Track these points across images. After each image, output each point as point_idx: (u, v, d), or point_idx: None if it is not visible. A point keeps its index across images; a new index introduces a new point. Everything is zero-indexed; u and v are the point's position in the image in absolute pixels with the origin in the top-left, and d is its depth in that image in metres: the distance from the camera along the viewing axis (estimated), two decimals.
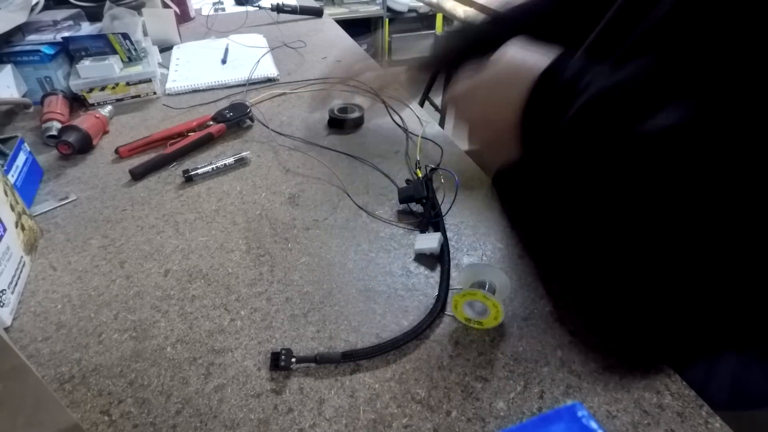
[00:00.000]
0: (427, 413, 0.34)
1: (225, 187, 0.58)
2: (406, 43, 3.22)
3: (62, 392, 0.36)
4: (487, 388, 0.35)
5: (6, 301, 0.41)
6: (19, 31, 0.79)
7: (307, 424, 0.33)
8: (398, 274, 0.45)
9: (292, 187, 0.58)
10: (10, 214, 0.45)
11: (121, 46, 0.79)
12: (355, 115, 0.71)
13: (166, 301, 0.43)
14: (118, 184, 0.59)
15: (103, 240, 0.50)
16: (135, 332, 0.40)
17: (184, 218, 0.53)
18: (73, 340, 0.40)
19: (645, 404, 0.34)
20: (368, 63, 0.51)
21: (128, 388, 0.36)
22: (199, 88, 0.84)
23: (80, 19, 0.89)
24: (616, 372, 0.36)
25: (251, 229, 0.51)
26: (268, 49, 1.00)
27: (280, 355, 0.37)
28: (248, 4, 1.29)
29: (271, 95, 0.80)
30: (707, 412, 0.33)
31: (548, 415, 0.30)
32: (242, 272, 0.46)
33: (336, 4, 3.01)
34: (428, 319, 0.39)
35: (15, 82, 0.75)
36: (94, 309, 0.42)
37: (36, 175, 0.60)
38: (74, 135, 0.63)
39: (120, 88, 0.79)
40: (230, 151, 0.65)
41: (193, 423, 0.33)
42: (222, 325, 0.40)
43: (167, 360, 0.38)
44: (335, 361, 0.37)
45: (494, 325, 0.39)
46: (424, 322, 0.39)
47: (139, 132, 0.71)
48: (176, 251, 0.49)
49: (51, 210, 0.55)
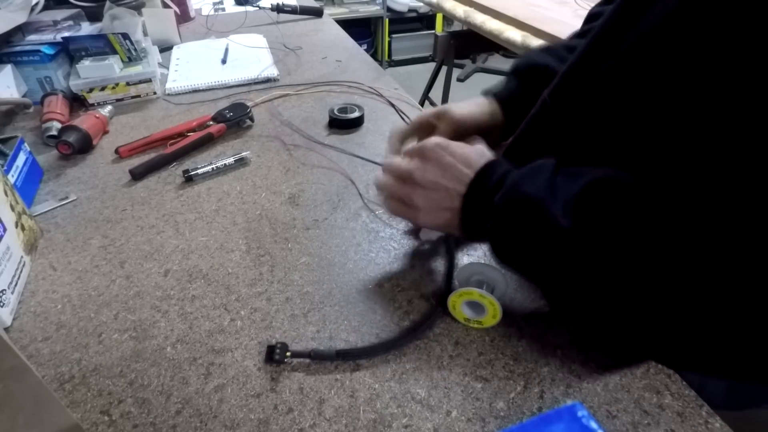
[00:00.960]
0: (427, 413, 0.34)
1: (225, 187, 0.58)
2: (406, 43, 3.22)
3: (62, 392, 0.36)
4: (487, 388, 0.35)
5: (6, 301, 0.41)
6: (19, 31, 0.79)
7: (307, 424, 0.33)
8: (398, 274, 0.45)
9: (292, 187, 0.58)
10: (10, 214, 0.45)
11: (121, 46, 0.79)
12: (355, 114, 0.71)
13: (166, 301, 0.43)
14: (118, 184, 0.59)
15: (103, 240, 0.50)
16: (135, 332, 0.40)
17: (184, 218, 0.53)
18: (73, 340, 0.40)
19: (645, 404, 0.34)
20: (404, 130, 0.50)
21: (128, 388, 0.36)
22: (199, 88, 0.84)
23: (80, 19, 0.89)
24: (616, 372, 0.36)
25: (251, 229, 0.51)
26: (269, 49, 1.00)
27: (275, 348, 0.37)
28: (248, 4, 1.29)
29: (271, 95, 0.80)
30: (707, 412, 0.33)
31: (548, 415, 0.30)
32: (242, 272, 0.46)
33: (336, 4, 3.01)
34: (425, 320, 0.39)
35: (15, 82, 0.75)
36: (94, 309, 0.42)
37: (36, 175, 0.60)
38: (74, 135, 0.63)
39: (120, 88, 0.79)
40: (230, 151, 0.65)
41: (193, 423, 0.33)
42: (222, 325, 0.40)
43: (167, 360, 0.38)
44: (330, 358, 0.37)
45: (493, 324, 0.39)
46: (420, 323, 0.39)
47: (139, 132, 0.71)
48: (176, 251, 0.49)
49: (51, 210, 0.55)
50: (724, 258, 0.26)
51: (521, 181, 0.34)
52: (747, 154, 0.27)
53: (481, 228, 0.36)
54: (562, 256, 0.31)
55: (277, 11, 1.19)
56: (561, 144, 0.39)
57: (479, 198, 0.36)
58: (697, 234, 0.27)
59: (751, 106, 0.26)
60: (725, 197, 0.28)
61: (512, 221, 0.34)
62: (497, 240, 0.36)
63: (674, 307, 0.28)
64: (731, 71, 0.27)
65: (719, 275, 0.26)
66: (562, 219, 0.31)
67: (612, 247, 0.30)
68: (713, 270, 0.26)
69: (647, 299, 0.29)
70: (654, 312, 0.29)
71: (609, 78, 0.35)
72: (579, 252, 0.31)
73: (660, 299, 0.29)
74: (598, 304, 0.32)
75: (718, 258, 0.26)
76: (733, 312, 0.26)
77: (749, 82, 0.26)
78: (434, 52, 3.25)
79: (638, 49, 0.32)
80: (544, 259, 0.33)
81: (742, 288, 0.26)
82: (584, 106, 0.37)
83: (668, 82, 0.31)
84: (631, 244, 0.29)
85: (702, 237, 0.27)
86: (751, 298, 0.25)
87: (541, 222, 0.32)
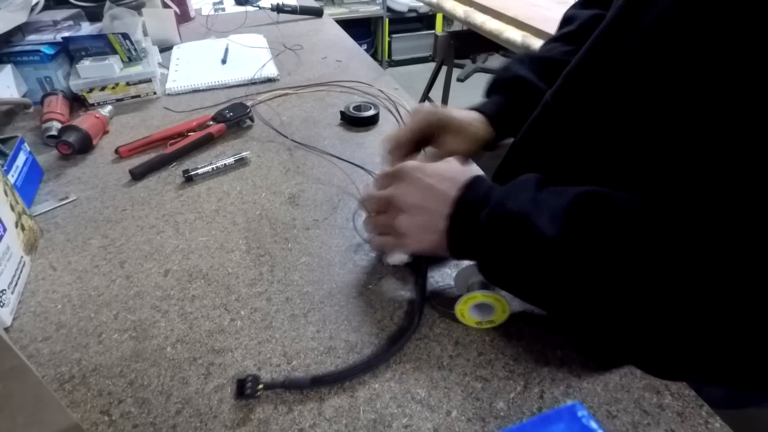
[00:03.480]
0: (427, 413, 0.34)
1: (225, 187, 0.58)
2: (406, 43, 3.22)
3: (62, 392, 0.36)
4: (487, 388, 0.35)
5: (6, 301, 0.41)
6: (19, 31, 0.79)
7: (307, 424, 0.33)
8: (398, 274, 0.45)
9: (292, 187, 0.58)
10: (10, 214, 0.45)
11: (121, 46, 0.79)
12: (370, 112, 0.71)
13: (166, 301, 0.43)
14: (118, 184, 0.59)
15: (103, 240, 0.50)
16: (135, 332, 0.40)
17: (184, 218, 0.53)
18: (73, 340, 0.40)
19: (645, 404, 0.34)
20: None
21: (128, 388, 0.36)
22: (199, 88, 0.84)
23: (80, 19, 0.89)
24: (616, 372, 0.36)
25: (251, 229, 0.51)
26: (269, 49, 1.00)
27: (245, 382, 0.35)
28: (248, 4, 1.29)
29: (271, 95, 0.80)
30: (707, 412, 0.33)
31: (548, 415, 0.30)
32: (242, 272, 0.46)
33: (336, 4, 3.01)
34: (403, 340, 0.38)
35: (15, 82, 0.75)
36: (94, 309, 0.42)
37: (36, 175, 0.60)
38: (74, 135, 0.63)
39: (120, 88, 0.79)
40: (230, 151, 0.65)
41: (193, 423, 0.33)
42: (222, 325, 0.40)
43: (167, 360, 0.38)
44: (304, 387, 0.35)
45: (505, 318, 0.38)
46: (399, 343, 0.37)
47: (139, 132, 0.71)
48: (176, 251, 0.49)
49: (51, 210, 0.55)
50: (720, 265, 0.26)
51: (505, 198, 0.34)
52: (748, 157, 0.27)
53: (467, 247, 0.36)
54: (551, 269, 0.31)
55: (277, 11, 1.19)
56: (563, 146, 0.39)
57: (465, 217, 0.36)
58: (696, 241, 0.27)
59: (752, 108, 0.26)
60: (724, 198, 0.28)
61: (498, 239, 0.33)
62: (484, 259, 0.35)
63: (666, 315, 0.27)
64: (731, 71, 0.27)
65: (714, 283, 0.26)
66: (548, 230, 0.31)
67: (605, 258, 0.29)
68: (709, 278, 0.26)
69: (638, 308, 0.28)
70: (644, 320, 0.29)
71: (610, 79, 0.35)
72: (570, 264, 0.30)
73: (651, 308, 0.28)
74: (591, 317, 0.31)
75: (714, 266, 0.26)
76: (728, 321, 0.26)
77: (749, 82, 0.26)
78: (434, 52, 3.25)
79: (638, 51, 0.32)
80: (534, 275, 0.32)
81: (740, 297, 0.25)
82: (586, 107, 0.37)
83: (669, 83, 0.31)
84: (625, 255, 0.29)
85: (699, 244, 0.26)
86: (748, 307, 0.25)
87: (527, 236, 0.31)
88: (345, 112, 0.71)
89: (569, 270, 0.30)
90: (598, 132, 0.36)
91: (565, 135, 0.39)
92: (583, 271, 0.30)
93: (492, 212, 0.34)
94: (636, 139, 0.34)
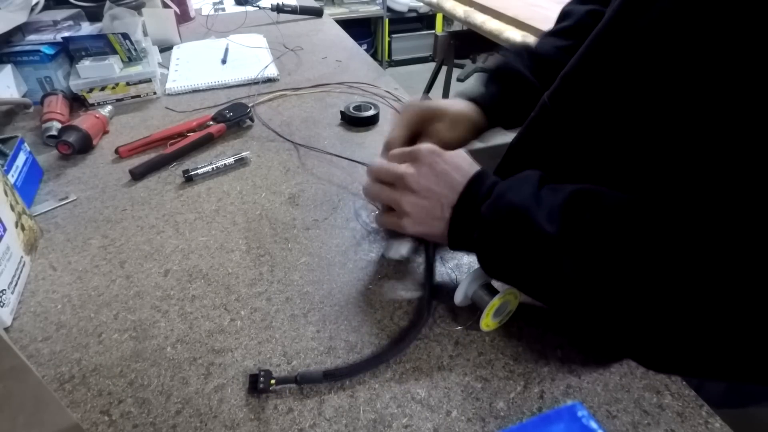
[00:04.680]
0: (427, 413, 0.34)
1: (225, 187, 0.58)
2: (406, 43, 3.22)
3: (62, 392, 0.36)
4: (487, 388, 0.35)
5: (6, 301, 0.41)
6: (19, 31, 0.79)
7: (307, 424, 0.33)
8: (399, 274, 0.45)
9: (292, 187, 0.58)
10: (10, 214, 0.45)
11: (121, 46, 0.79)
12: (370, 113, 0.71)
13: (166, 301, 0.43)
14: (118, 184, 0.59)
15: (103, 240, 0.50)
16: (135, 332, 0.40)
17: (184, 218, 0.53)
18: (73, 340, 0.40)
19: (645, 404, 0.34)
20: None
21: (128, 388, 0.36)
22: (199, 88, 0.84)
23: (80, 19, 0.89)
24: (616, 372, 0.36)
25: (251, 229, 0.51)
26: (269, 49, 1.00)
27: (258, 377, 0.35)
28: (248, 4, 1.29)
29: (271, 95, 0.80)
30: (707, 412, 0.33)
31: (548, 415, 0.30)
32: (242, 272, 0.46)
33: (336, 4, 3.01)
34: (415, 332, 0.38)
35: (15, 82, 0.75)
36: (94, 309, 0.42)
37: (36, 175, 0.60)
38: (74, 135, 0.63)
39: (120, 88, 0.79)
40: (230, 151, 0.65)
41: (193, 423, 0.33)
42: (222, 325, 0.40)
43: (167, 360, 0.38)
44: (317, 381, 0.35)
45: (517, 304, 0.40)
46: (410, 336, 0.38)
47: (139, 132, 0.71)
48: (176, 251, 0.49)
49: (51, 210, 0.55)
50: (716, 260, 0.26)
51: (507, 191, 0.35)
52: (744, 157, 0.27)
53: (467, 238, 0.36)
54: (548, 263, 0.31)
55: (277, 11, 1.19)
56: (561, 146, 0.39)
57: (468, 208, 0.36)
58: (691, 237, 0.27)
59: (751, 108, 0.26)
60: (723, 198, 0.28)
61: (498, 231, 0.34)
62: (484, 250, 0.36)
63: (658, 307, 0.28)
64: (731, 71, 0.27)
65: (703, 276, 0.26)
66: (547, 226, 0.31)
67: (599, 252, 0.30)
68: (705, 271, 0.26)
69: (630, 300, 0.29)
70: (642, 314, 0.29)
71: (607, 81, 0.35)
72: (566, 258, 0.31)
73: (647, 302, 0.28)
74: (587, 310, 0.32)
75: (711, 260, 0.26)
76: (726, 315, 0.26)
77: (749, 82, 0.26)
78: (434, 52, 3.24)
79: (636, 51, 0.32)
80: (532, 268, 0.33)
81: (731, 288, 0.26)
82: (584, 108, 0.37)
83: (667, 83, 0.31)
84: (618, 249, 0.29)
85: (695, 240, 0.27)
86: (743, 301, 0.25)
87: (527, 230, 0.32)
88: (345, 112, 0.71)
89: (564, 263, 0.31)
90: (596, 133, 0.36)
91: (563, 136, 0.39)
92: (577, 264, 0.30)
93: (493, 204, 0.35)
94: (633, 139, 0.34)
